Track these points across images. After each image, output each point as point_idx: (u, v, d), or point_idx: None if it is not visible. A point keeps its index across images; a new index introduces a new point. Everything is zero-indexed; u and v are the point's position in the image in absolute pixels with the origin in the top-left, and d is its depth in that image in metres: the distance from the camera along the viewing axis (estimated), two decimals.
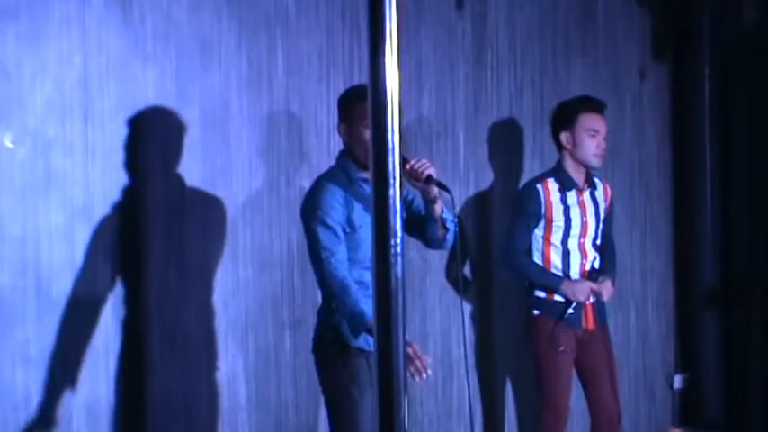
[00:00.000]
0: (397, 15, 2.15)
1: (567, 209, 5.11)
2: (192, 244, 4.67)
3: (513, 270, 5.28)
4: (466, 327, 5.62)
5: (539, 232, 5.12)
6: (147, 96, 4.50)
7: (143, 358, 4.50)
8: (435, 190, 4.06)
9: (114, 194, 4.40)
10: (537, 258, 5.13)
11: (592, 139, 5.08)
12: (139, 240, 4.49)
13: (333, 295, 4.05)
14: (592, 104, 5.17)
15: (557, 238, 5.10)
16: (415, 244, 4.58)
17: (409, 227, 4.25)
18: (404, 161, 3.96)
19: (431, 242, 4.29)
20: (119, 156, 4.42)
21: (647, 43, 6.47)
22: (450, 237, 4.23)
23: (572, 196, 5.13)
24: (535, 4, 5.93)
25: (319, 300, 4.33)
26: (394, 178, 2.21)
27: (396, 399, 2.17)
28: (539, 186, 5.14)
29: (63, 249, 4.26)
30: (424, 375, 3.87)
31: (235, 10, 4.79)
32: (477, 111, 5.70)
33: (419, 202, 4.25)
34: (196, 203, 4.67)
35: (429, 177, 4.01)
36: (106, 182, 4.38)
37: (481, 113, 5.72)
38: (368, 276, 3.99)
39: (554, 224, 5.09)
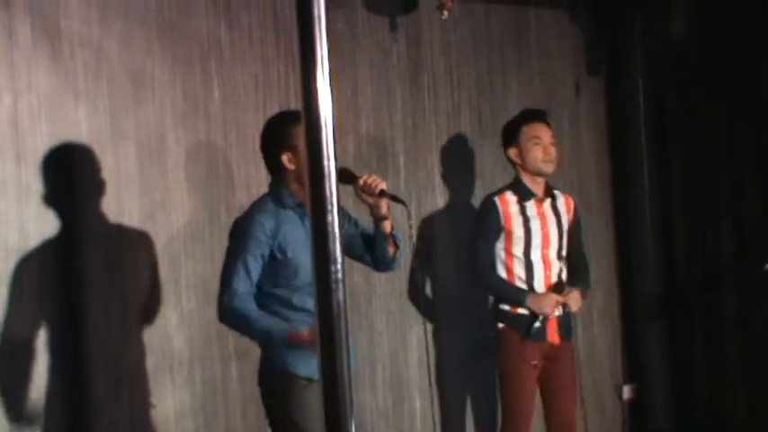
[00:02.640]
0: (331, 41, 2.14)
1: (526, 220, 5.12)
2: (133, 279, 4.61)
3: (479, 285, 5.29)
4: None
5: (500, 245, 5.12)
6: (81, 133, 4.46)
7: (88, 398, 4.43)
8: (386, 207, 4.06)
9: (50, 233, 4.34)
10: (501, 271, 5.12)
11: (537, 146, 5.12)
12: (79, 278, 4.43)
13: (232, 325, 4.09)
14: (531, 114, 5.25)
15: (518, 249, 5.10)
16: (358, 267, 4.57)
17: (357, 250, 4.22)
18: (355, 178, 3.97)
19: (380, 263, 4.26)
20: (54, 194, 4.36)
21: (580, 58, 6.52)
22: (399, 255, 4.22)
23: (531, 207, 5.14)
24: (468, 24, 5.96)
25: None
26: (332, 204, 2.20)
27: (343, 426, 2.15)
28: (495, 199, 5.16)
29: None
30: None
31: (167, 42, 4.76)
32: (415, 132, 5.71)
33: (365, 225, 4.23)
34: (134, 238, 4.62)
35: (382, 192, 4.02)
36: (42, 221, 4.32)
37: (420, 134, 5.72)
38: (310, 303, 3.94)
39: (514, 236, 5.10)
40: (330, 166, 2.19)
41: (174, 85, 4.78)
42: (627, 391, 6.55)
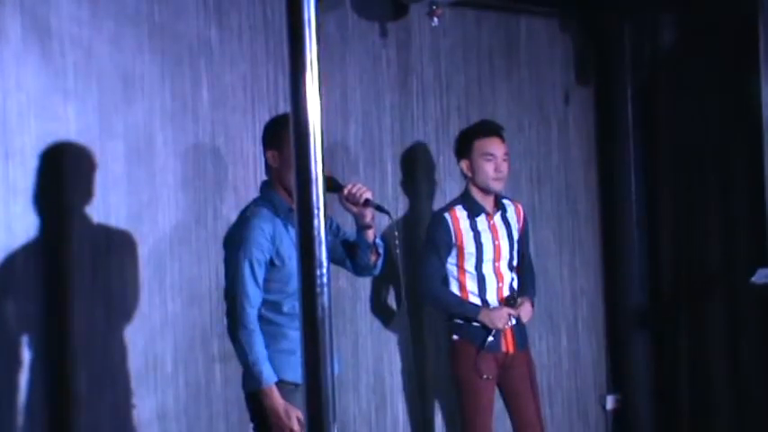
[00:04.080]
0: (320, 45, 2.15)
1: (477, 234, 5.11)
2: (118, 279, 4.61)
3: (430, 302, 5.30)
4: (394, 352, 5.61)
5: (452, 260, 5.13)
6: (69, 132, 4.45)
7: (70, 397, 4.42)
8: (370, 216, 4.07)
9: (37, 232, 4.33)
10: (454, 286, 5.13)
11: (488, 163, 5.09)
12: (64, 278, 4.42)
13: (236, 341, 4.05)
14: (486, 129, 5.20)
15: (470, 264, 5.10)
16: (344, 272, 4.58)
17: (339, 255, 4.23)
18: (341, 187, 3.98)
19: (361, 269, 4.27)
20: (41, 193, 4.35)
21: (570, 66, 6.54)
22: (380, 262, 4.23)
23: (482, 221, 5.14)
24: (458, 30, 5.96)
25: None
26: (318, 208, 2.20)
27: (326, 430, 2.16)
28: (446, 215, 5.15)
29: None
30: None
31: (157, 42, 4.76)
32: (403, 137, 5.71)
33: (347, 230, 4.24)
34: (121, 238, 4.61)
35: (367, 201, 4.03)
36: (28, 219, 4.31)
37: (408, 140, 5.73)
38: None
39: (465, 251, 5.10)
40: (317, 170, 2.19)
41: (163, 86, 4.77)
42: (611, 402, 6.56)
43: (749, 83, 5.94)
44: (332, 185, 3.96)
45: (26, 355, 4.30)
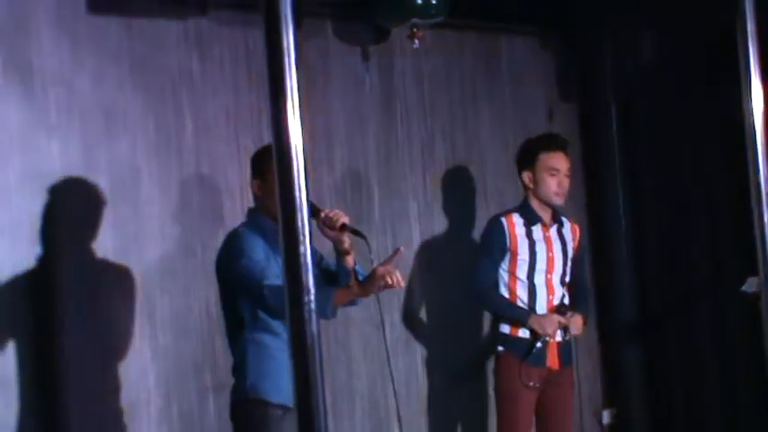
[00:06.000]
0: (302, 71, 2.15)
1: (532, 243, 5.10)
2: (108, 314, 4.59)
3: (481, 303, 5.31)
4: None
5: (504, 266, 5.11)
6: (54, 168, 4.44)
7: None
8: (348, 241, 4.05)
9: (24, 269, 4.31)
10: (503, 292, 5.10)
11: (552, 177, 5.10)
12: (52, 314, 4.40)
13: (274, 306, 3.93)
14: (552, 143, 5.21)
15: (522, 272, 5.08)
16: None
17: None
18: (317, 211, 3.97)
19: None
20: (27, 229, 4.33)
21: (553, 84, 6.55)
22: None
23: (537, 231, 5.13)
24: (440, 52, 5.97)
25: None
26: (304, 235, 2.20)
27: None
28: (503, 219, 5.15)
29: None
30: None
31: (138, 76, 4.76)
32: (388, 161, 5.71)
33: (328, 259, 4.22)
34: (109, 273, 4.59)
35: (344, 226, 4.00)
36: (16, 256, 4.30)
37: (393, 164, 5.72)
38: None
39: (519, 257, 5.08)
40: (302, 197, 2.19)
41: (146, 119, 4.77)
42: (607, 416, 6.55)
43: (730, 96, 5.94)
44: (309, 210, 3.93)
45: (16, 392, 4.27)
